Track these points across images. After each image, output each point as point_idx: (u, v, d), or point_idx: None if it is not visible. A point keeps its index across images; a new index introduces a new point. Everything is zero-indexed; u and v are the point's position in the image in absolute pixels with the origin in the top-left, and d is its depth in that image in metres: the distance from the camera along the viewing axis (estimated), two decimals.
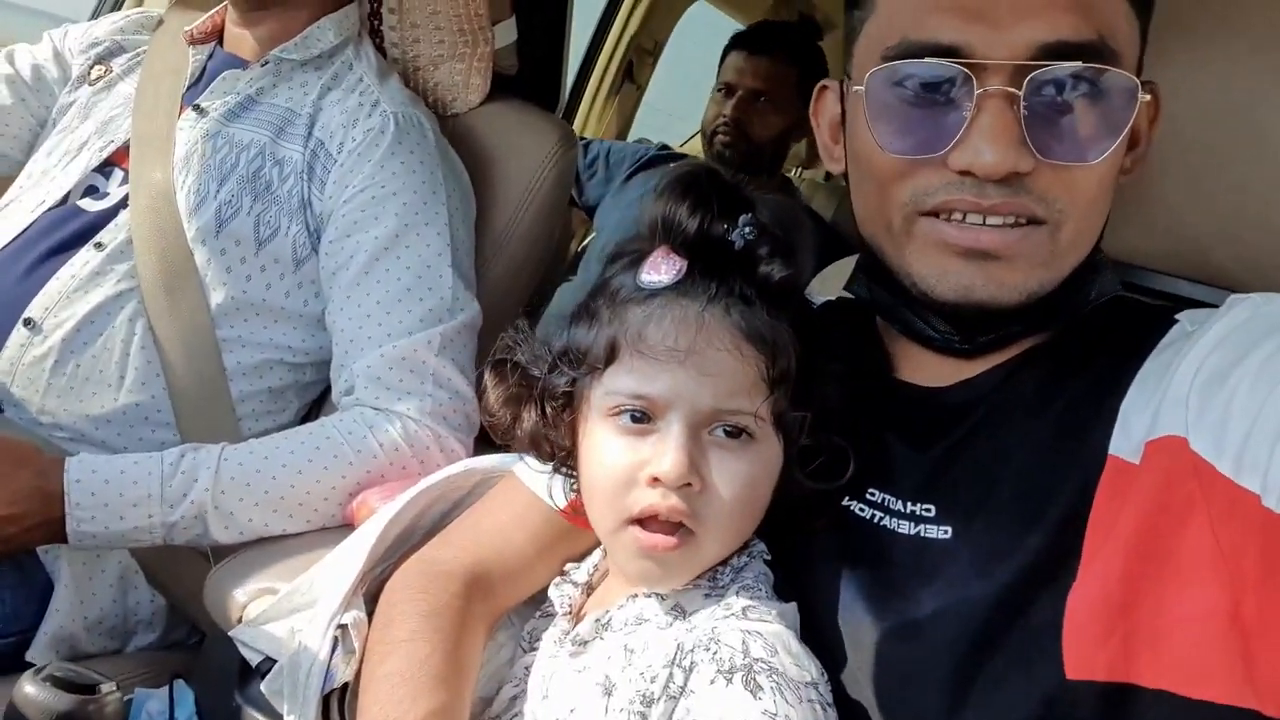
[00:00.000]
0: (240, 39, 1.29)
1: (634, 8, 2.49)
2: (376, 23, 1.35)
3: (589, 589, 0.84)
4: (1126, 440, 0.67)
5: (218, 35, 1.33)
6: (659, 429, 0.70)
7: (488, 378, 0.80)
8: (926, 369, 0.78)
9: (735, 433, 0.70)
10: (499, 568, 0.86)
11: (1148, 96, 0.68)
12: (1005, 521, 0.68)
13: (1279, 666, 0.58)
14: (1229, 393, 0.62)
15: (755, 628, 0.67)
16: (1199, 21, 0.72)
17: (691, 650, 0.66)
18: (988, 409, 0.74)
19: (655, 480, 0.69)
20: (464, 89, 1.35)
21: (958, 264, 0.70)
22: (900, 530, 0.73)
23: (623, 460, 0.71)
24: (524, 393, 0.78)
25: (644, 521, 0.71)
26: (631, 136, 2.63)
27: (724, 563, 0.75)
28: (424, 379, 1.10)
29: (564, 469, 0.80)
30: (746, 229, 0.72)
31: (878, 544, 0.73)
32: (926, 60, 0.67)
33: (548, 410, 0.77)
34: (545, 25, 1.51)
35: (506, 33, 1.39)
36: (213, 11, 1.34)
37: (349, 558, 0.88)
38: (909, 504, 0.73)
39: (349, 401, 1.12)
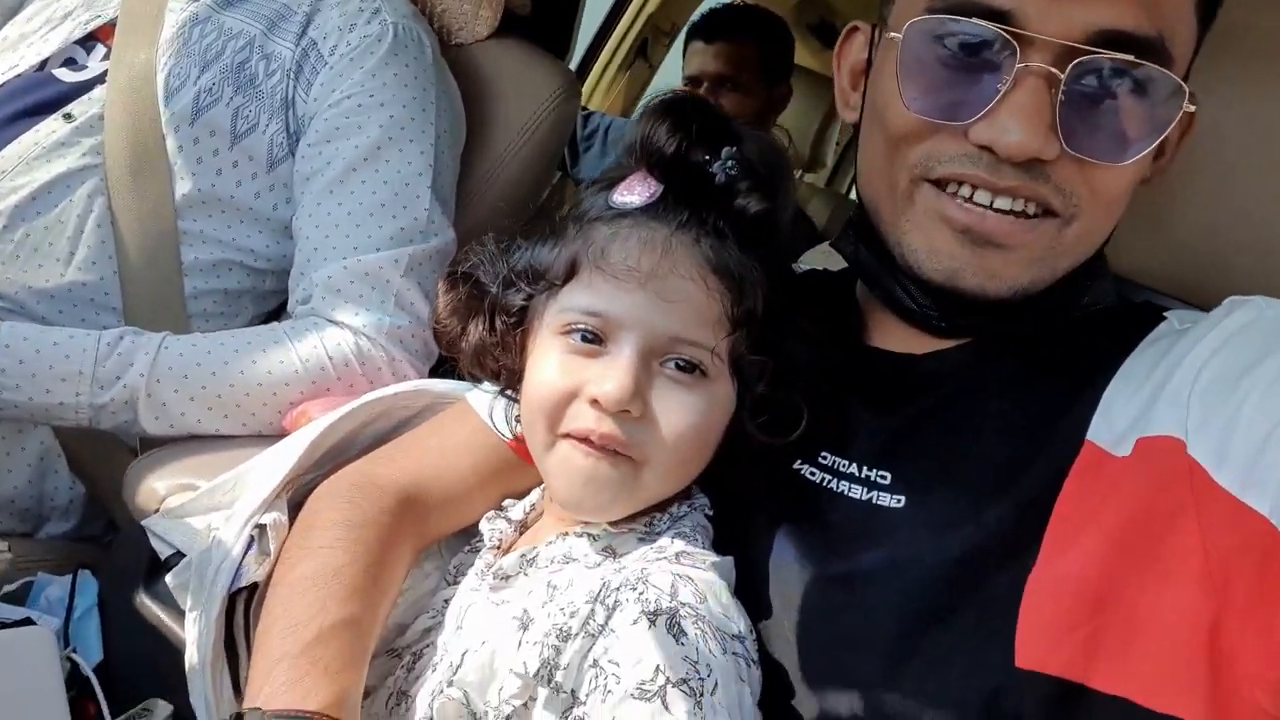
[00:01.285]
0: None
1: None
2: None
3: (522, 527, 0.81)
4: (1108, 429, 0.64)
5: None
6: (609, 352, 0.67)
7: (441, 285, 0.77)
8: (900, 338, 0.76)
9: (689, 367, 0.67)
10: (436, 492, 0.82)
11: (1192, 108, 0.65)
12: (964, 493, 0.66)
13: (1254, 691, 0.56)
14: (1237, 401, 0.60)
15: (687, 572, 0.64)
16: (1219, 40, 0.70)
17: (617, 589, 0.63)
18: (959, 382, 0.72)
19: (595, 402, 0.66)
20: (472, 19, 1.31)
21: (952, 244, 0.68)
22: (851, 494, 0.70)
23: (566, 377, 0.68)
24: (475, 305, 0.75)
25: (580, 441, 0.68)
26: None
27: (662, 509, 0.72)
28: (386, 298, 1.06)
29: (509, 392, 0.77)
30: (729, 162, 0.69)
31: (825, 506, 0.71)
32: (974, 20, 0.64)
33: (497, 325, 0.73)
34: None
35: None
36: None
37: (278, 460, 0.84)
38: (864, 469, 0.71)
39: (304, 311, 1.08)
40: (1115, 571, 0.60)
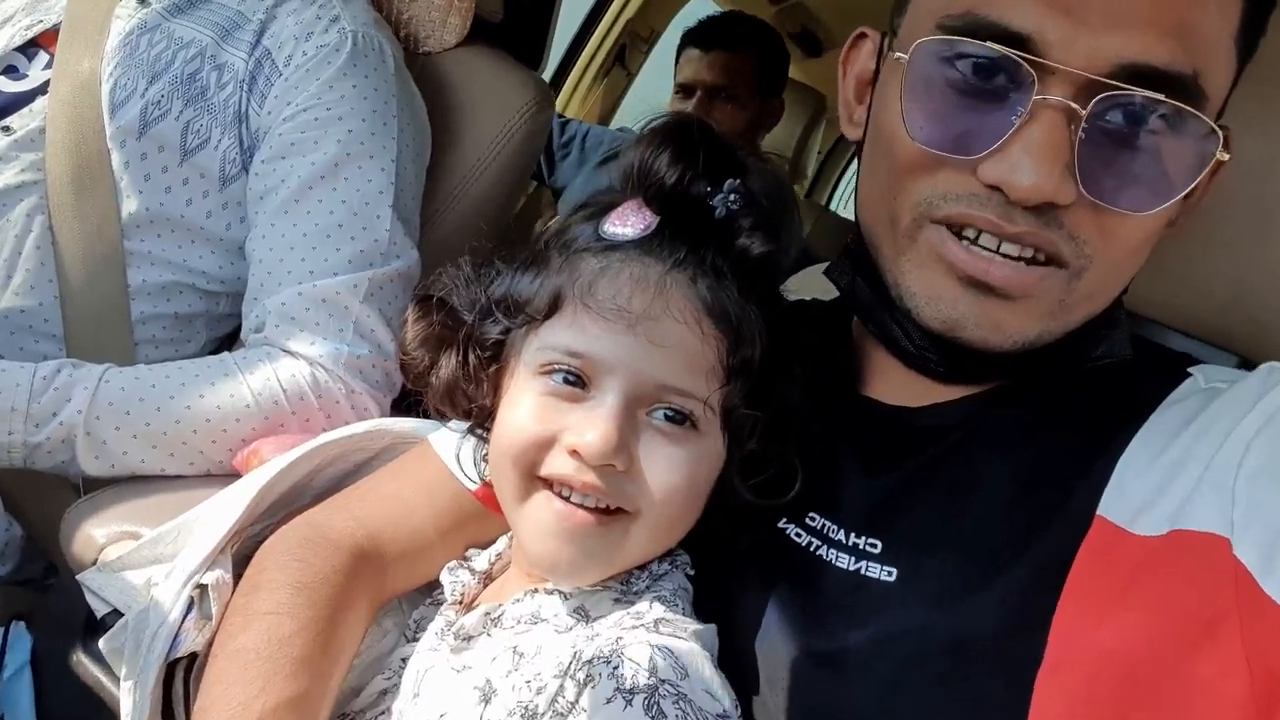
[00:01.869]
0: None
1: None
2: None
3: (487, 579, 0.75)
4: (1122, 502, 0.59)
5: None
6: (592, 397, 0.61)
7: (410, 311, 0.70)
8: (896, 385, 0.70)
9: (678, 418, 0.62)
10: (394, 544, 0.76)
11: (1226, 156, 0.59)
12: (960, 569, 0.60)
13: None
14: None
15: (667, 644, 0.58)
16: (1259, 69, 0.64)
17: (590, 661, 0.57)
18: (958, 439, 0.66)
19: (575, 452, 0.60)
20: (440, 26, 1.25)
21: (954, 291, 0.62)
22: (838, 564, 0.65)
23: (543, 422, 0.62)
24: (448, 335, 0.69)
25: (558, 490, 0.62)
26: (615, 125, 2.54)
27: (641, 565, 0.66)
28: (344, 325, 0.99)
29: (480, 430, 0.71)
30: (731, 196, 0.63)
31: (811, 574, 0.65)
32: (989, 44, 0.58)
33: (470, 359, 0.67)
34: None
35: None
36: None
37: (224, 509, 0.77)
38: (852, 535, 0.65)
39: (257, 339, 1.01)
40: (1142, 681, 0.54)
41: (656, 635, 0.59)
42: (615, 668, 0.56)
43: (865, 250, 0.70)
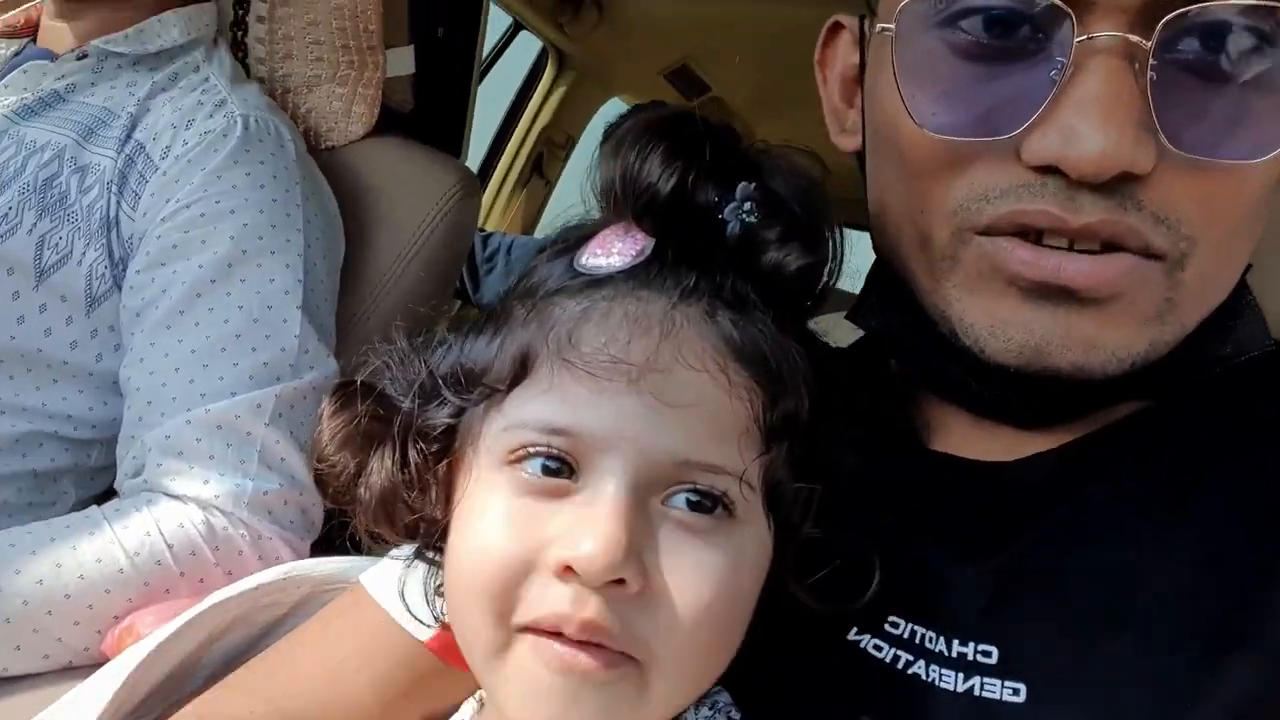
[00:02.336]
0: (58, 33, 1.03)
1: (546, 98, 2.36)
2: (240, 34, 1.12)
3: None
4: None
5: (32, 31, 1.07)
6: (584, 488, 0.44)
7: (326, 405, 0.53)
8: (972, 438, 0.55)
9: (707, 504, 0.44)
10: None
11: None
12: (1124, 672, 0.44)
13: None
14: None
15: None
16: None
17: None
18: (1077, 496, 0.50)
19: (568, 570, 0.42)
20: (344, 117, 1.12)
21: (1023, 310, 0.48)
22: (943, 684, 0.47)
23: (519, 534, 0.44)
24: (379, 429, 0.51)
25: (549, 637, 0.44)
26: (538, 235, 2.45)
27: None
28: (246, 455, 0.81)
29: (431, 554, 0.53)
30: (746, 205, 0.48)
31: (906, 701, 0.48)
32: None
33: (411, 456, 0.50)
34: (450, 66, 1.31)
35: (401, 62, 1.18)
36: (28, 5, 1.08)
37: (81, 708, 0.57)
38: (955, 644, 0.48)
39: (135, 485, 0.82)
40: None
41: None
42: None
43: (895, 280, 0.56)
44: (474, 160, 1.93)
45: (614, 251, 0.48)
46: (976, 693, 0.46)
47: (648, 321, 0.45)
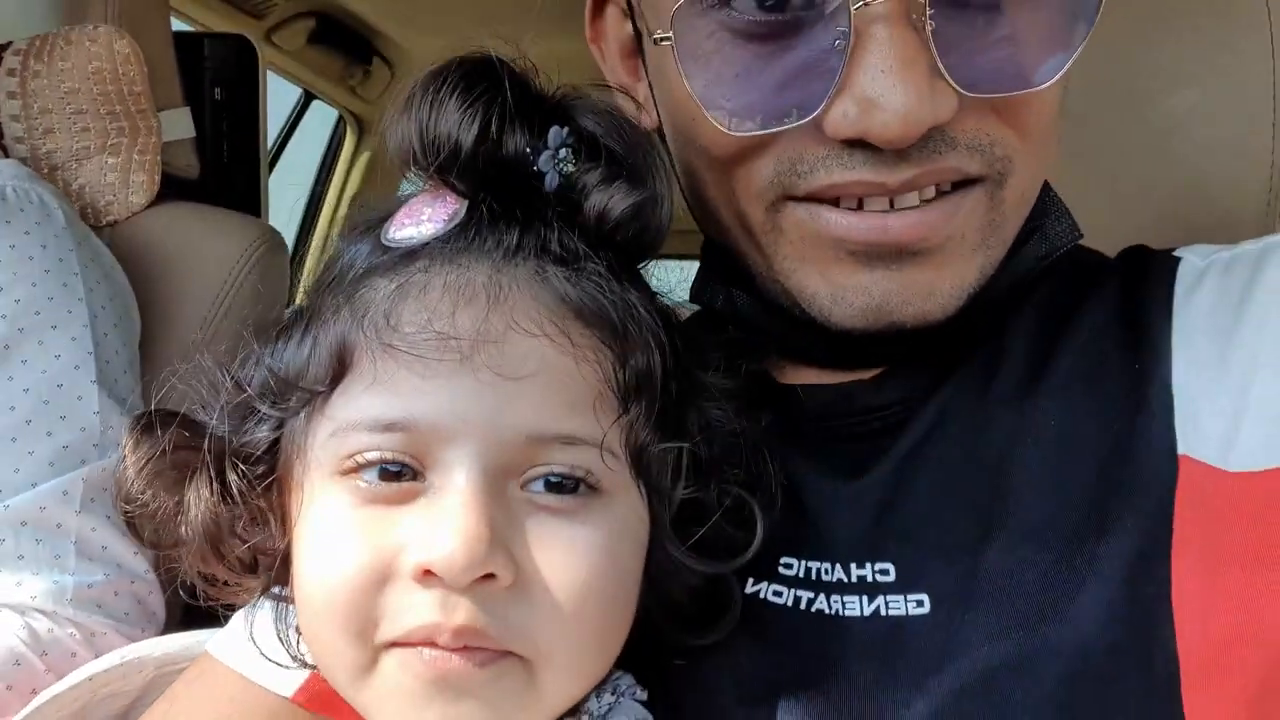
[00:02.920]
0: None
1: (351, 165, 2.30)
2: None
3: None
4: (1200, 437, 0.45)
5: None
6: (431, 485, 0.42)
7: (126, 440, 0.48)
8: (825, 376, 0.55)
9: (568, 484, 0.42)
10: None
11: None
12: (1013, 571, 0.45)
13: None
14: None
15: None
16: None
17: None
18: (933, 403, 0.51)
19: (428, 574, 0.40)
20: (121, 188, 1.05)
21: (859, 274, 0.48)
22: (848, 613, 0.47)
23: (367, 547, 0.41)
24: (189, 458, 0.47)
25: (421, 647, 0.41)
26: None
27: (574, 712, 0.45)
28: (60, 550, 0.73)
29: (279, 589, 0.49)
30: (561, 151, 0.46)
31: (815, 641, 0.47)
32: None
33: (233, 482, 0.46)
34: (234, 126, 1.26)
35: (178, 125, 1.11)
36: None
37: None
38: (853, 567, 0.48)
39: None
40: None
41: None
42: None
43: (728, 257, 0.56)
44: (287, 232, 1.85)
45: (423, 219, 0.45)
46: (883, 612, 0.46)
47: (472, 289, 0.42)
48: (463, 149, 0.45)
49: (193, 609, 0.80)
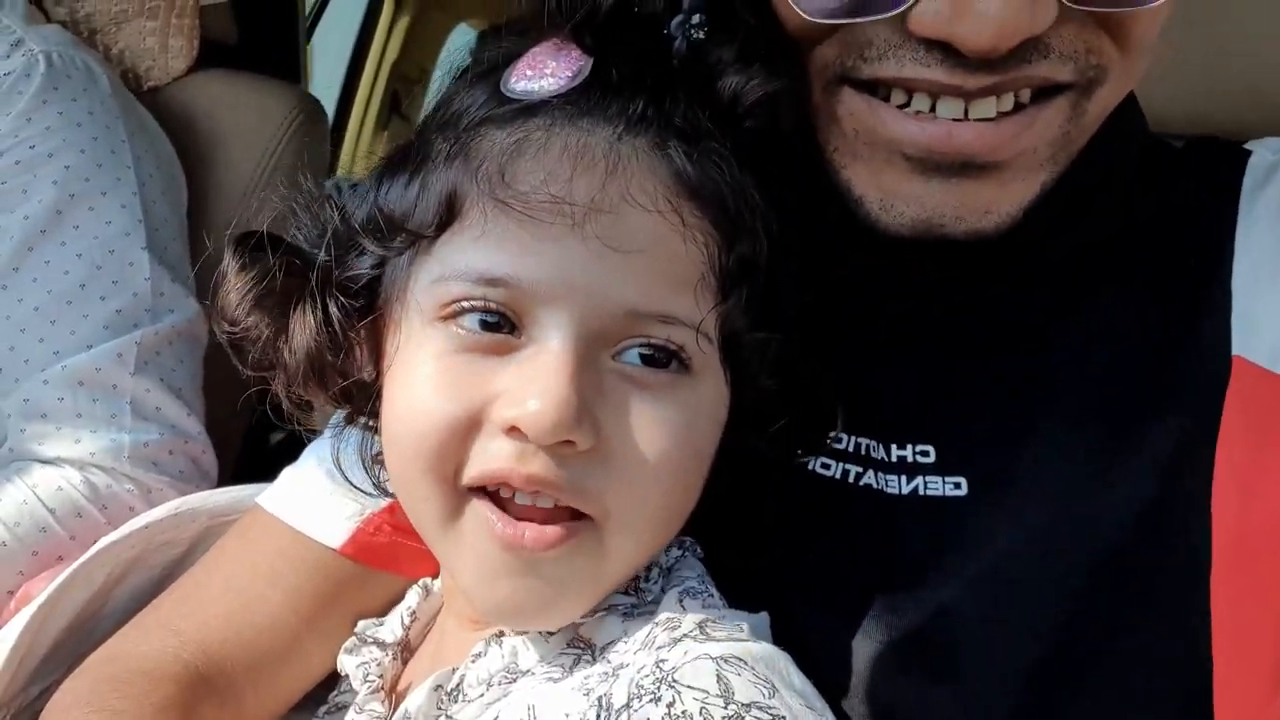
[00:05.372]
0: None
1: (390, 32, 2.24)
2: None
3: (405, 650, 0.55)
4: (1257, 339, 0.44)
5: None
6: (528, 343, 0.42)
7: (229, 260, 0.47)
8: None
9: (662, 359, 0.43)
10: (242, 653, 0.55)
11: None
12: (1050, 461, 0.46)
13: None
14: None
15: (731, 651, 0.40)
16: None
17: (627, 705, 0.38)
18: (998, 296, 0.50)
19: (514, 429, 0.41)
20: (161, 53, 1.04)
21: (913, 182, 0.45)
22: (889, 490, 0.48)
23: (457, 394, 0.42)
24: (294, 285, 0.47)
25: (497, 498, 0.42)
26: None
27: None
28: (117, 409, 0.76)
29: (366, 421, 0.50)
30: (694, 18, 0.44)
31: (862, 515, 0.49)
32: None
33: (333, 313, 0.46)
34: None
35: None
36: None
37: None
38: (894, 447, 0.49)
39: (2, 457, 0.77)
40: None
41: (712, 644, 0.40)
42: (670, 704, 0.37)
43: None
44: (327, 104, 1.83)
45: (546, 72, 0.44)
46: (921, 492, 0.47)
47: (591, 155, 0.41)
48: (599, 8, 0.43)
49: (242, 470, 0.84)
